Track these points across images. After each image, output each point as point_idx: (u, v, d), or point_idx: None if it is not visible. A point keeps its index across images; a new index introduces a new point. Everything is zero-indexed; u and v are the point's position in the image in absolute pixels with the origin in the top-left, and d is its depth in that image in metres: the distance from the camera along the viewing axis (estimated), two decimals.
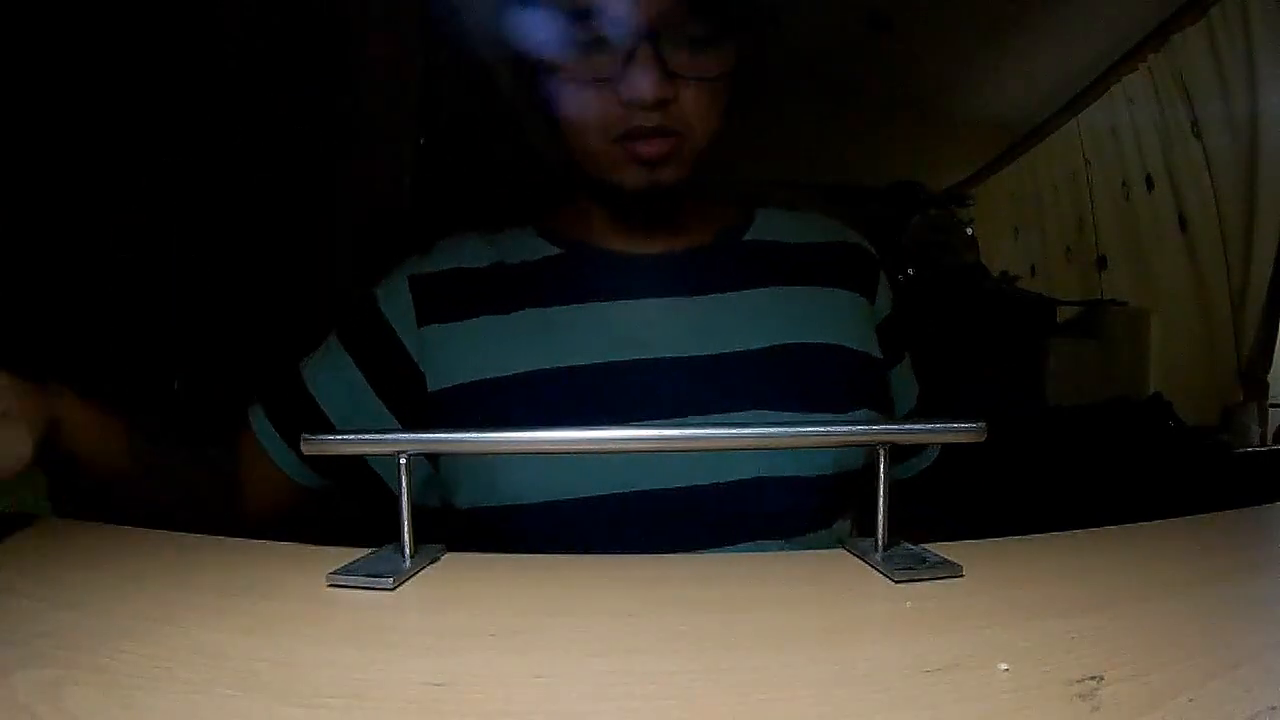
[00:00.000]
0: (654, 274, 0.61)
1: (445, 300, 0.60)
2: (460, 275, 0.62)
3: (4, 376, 0.46)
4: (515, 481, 0.55)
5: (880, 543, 0.39)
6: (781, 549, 0.55)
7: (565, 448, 0.39)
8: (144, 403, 0.86)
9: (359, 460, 0.60)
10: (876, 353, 0.64)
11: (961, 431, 0.39)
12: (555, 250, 0.63)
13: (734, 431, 0.44)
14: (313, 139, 1.22)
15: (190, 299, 0.95)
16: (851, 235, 0.69)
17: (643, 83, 0.52)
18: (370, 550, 0.41)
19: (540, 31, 0.54)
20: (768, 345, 0.59)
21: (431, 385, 0.59)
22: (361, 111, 1.29)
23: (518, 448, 0.39)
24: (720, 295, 0.61)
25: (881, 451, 0.39)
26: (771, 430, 0.41)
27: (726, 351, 0.58)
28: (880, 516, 0.39)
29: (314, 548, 0.44)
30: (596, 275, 0.61)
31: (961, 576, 0.37)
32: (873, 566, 0.38)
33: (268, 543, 0.45)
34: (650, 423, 0.54)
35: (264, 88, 0.96)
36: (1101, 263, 2.41)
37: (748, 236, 0.65)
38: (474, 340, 0.59)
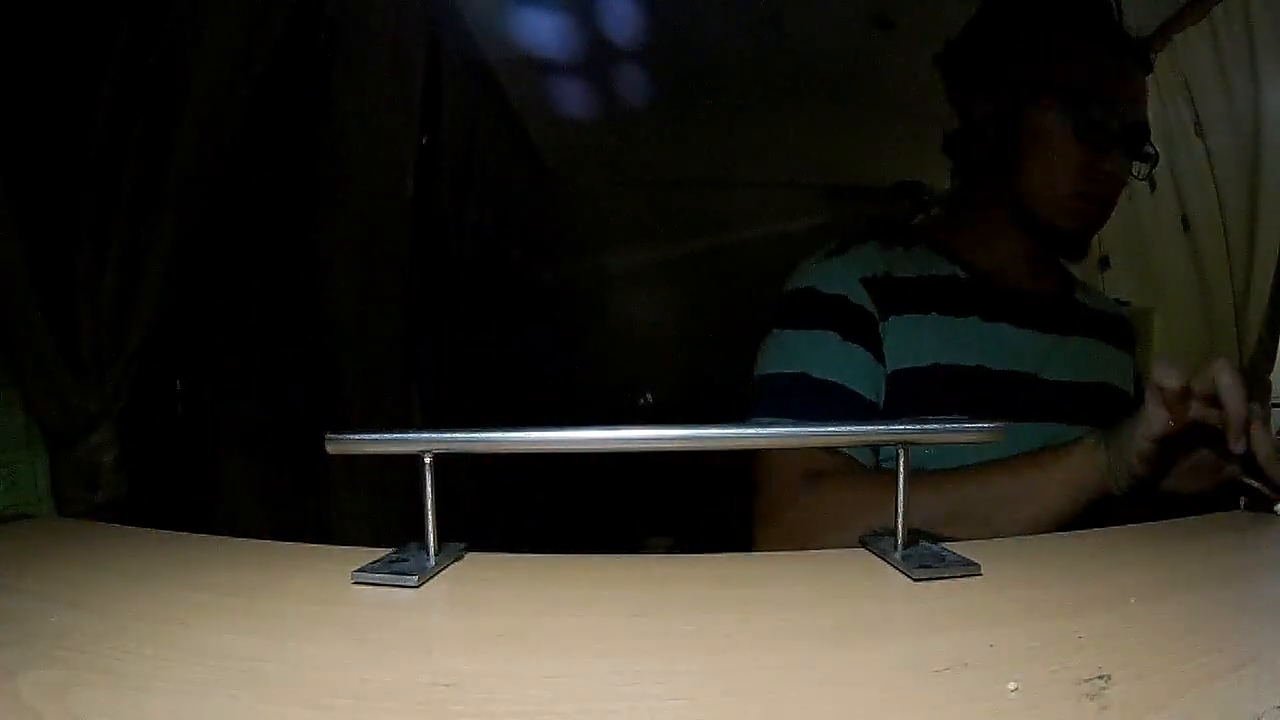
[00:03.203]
0: (1031, 309, 0.76)
1: (891, 299, 0.72)
2: (896, 279, 0.73)
3: None
4: None
5: (900, 541, 0.39)
6: None
7: (571, 448, 0.39)
8: (143, 404, 0.86)
9: None
10: (1133, 396, 0.81)
11: (981, 431, 0.39)
12: (957, 271, 0.76)
13: (742, 431, 0.44)
14: (313, 139, 1.22)
15: (188, 299, 0.95)
16: (1124, 312, 0.90)
17: (1111, 163, 0.71)
18: (392, 550, 0.41)
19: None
20: (1095, 381, 0.77)
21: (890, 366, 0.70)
22: (362, 111, 1.28)
23: (534, 447, 0.39)
24: (1064, 337, 0.77)
25: (900, 451, 0.39)
26: (788, 430, 0.41)
27: (1074, 380, 0.75)
28: (899, 514, 0.39)
29: (317, 547, 0.44)
30: (998, 301, 0.75)
31: (979, 575, 0.37)
32: (892, 565, 0.38)
33: (270, 543, 0.45)
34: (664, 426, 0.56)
35: (263, 87, 0.96)
36: (1104, 263, 2.40)
37: (1076, 296, 0.83)
38: (914, 335, 0.71)
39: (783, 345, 0.72)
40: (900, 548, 0.39)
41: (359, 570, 0.37)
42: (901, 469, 0.39)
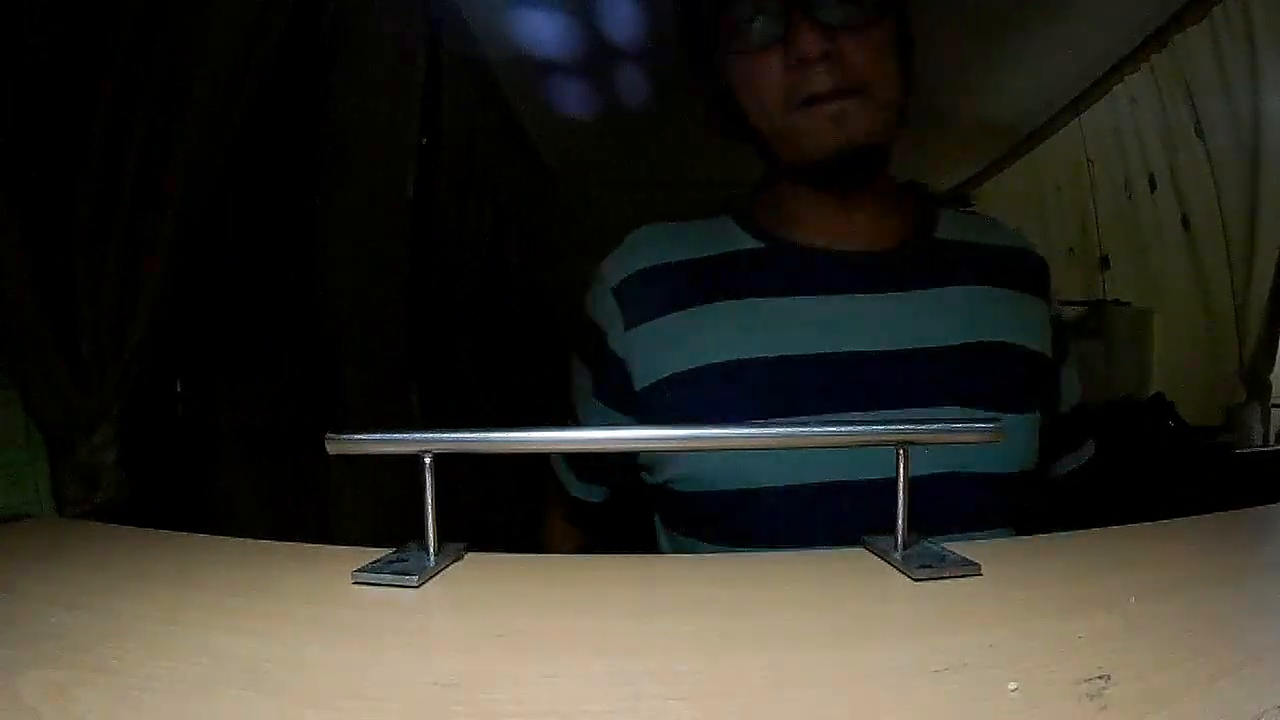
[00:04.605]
0: (852, 269, 0.62)
1: (647, 300, 0.62)
2: (658, 271, 0.63)
3: None
4: (710, 468, 0.57)
5: (900, 541, 0.39)
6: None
7: (571, 448, 0.39)
8: (144, 404, 0.86)
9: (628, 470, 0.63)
10: (1049, 353, 0.65)
11: (979, 431, 0.39)
12: (757, 244, 0.64)
13: (741, 431, 0.44)
14: (313, 139, 1.22)
15: (188, 299, 0.95)
16: (1026, 242, 0.71)
17: (805, 39, 0.55)
18: (392, 549, 0.41)
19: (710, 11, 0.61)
20: (963, 342, 0.60)
21: (638, 384, 0.61)
22: (362, 111, 1.28)
23: (534, 447, 0.39)
24: (918, 292, 0.62)
25: (900, 452, 0.38)
26: (789, 430, 0.40)
27: (926, 346, 0.60)
28: (900, 515, 0.39)
29: (317, 547, 0.44)
30: (799, 269, 0.62)
31: (979, 575, 0.37)
32: (893, 565, 0.38)
33: (270, 543, 0.45)
34: (662, 425, 0.55)
35: (263, 87, 0.96)
36: (1104, 263, 2.40)
37: (938, 234, 0.66)
38: (676, 335, 0.60)
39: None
40: (900, 548, 0.39)
41: (359, 570, 0.37)
42: (901, 469, 0.39)
